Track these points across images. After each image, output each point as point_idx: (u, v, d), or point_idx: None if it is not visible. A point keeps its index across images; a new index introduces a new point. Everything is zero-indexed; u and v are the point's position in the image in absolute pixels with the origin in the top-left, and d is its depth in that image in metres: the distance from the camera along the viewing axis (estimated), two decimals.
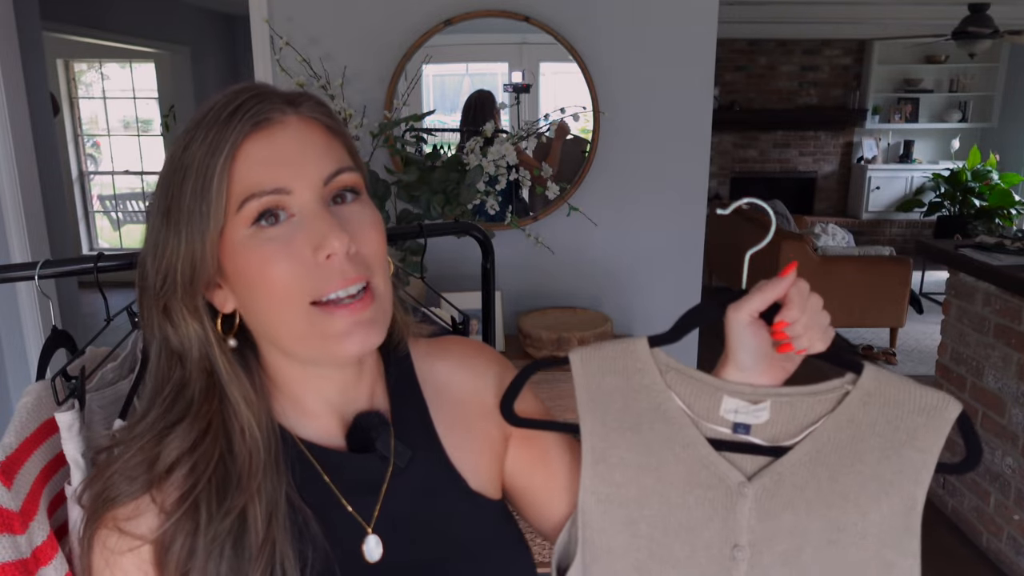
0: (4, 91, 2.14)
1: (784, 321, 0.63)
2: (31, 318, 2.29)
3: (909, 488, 0.66)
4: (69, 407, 0.73)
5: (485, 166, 2.00)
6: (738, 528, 0.68)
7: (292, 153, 0.60)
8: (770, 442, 0.67)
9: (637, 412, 0.69)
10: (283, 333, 0.62)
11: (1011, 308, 2.34)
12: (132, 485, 0.60)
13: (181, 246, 0.59)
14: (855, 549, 0.67)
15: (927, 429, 0.65)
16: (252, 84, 0.62)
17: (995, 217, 6.33)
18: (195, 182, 0.58)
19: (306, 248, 0.59)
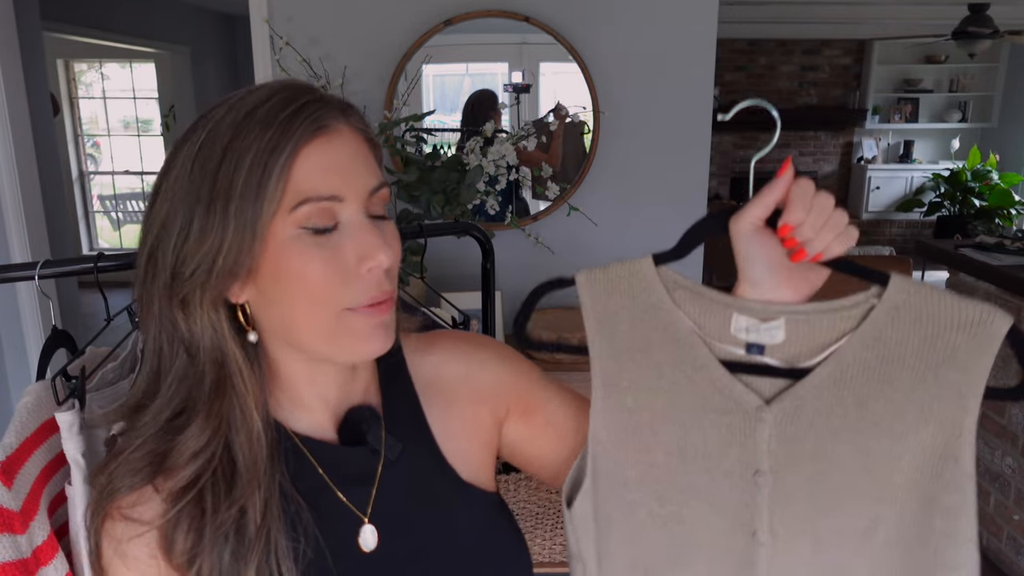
0: (4, 91, 2.14)
1: (788, 224, 0.57)
2: (31, 318, 2.29)
3: (950, 414, 0.58)
4: (69, 407, 0.73)
5: (485, 166, 2.00)
6: (759, 454, 0.63)
7: (346, 162, 0.61)
8: (787, 363, 0.62)
9: (646, 333, 0.65)
10: (307, 332, 0.63)
11: (1011, 308, 2.34)
12: (136, 476, 0.61)
13: (228, 235, 0.58)
14: (889, 473, 0.61)
15: (969, 347, 0.57)
16: (306, 85, 0.63)
17: (995, 217, 6.33)
18: (251, 175, 0.57)
19: (351, 258, 0.60)
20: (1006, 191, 6.35)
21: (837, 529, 0.63)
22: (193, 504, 0.61)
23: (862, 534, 0.63)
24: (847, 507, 0.63)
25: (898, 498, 0.61)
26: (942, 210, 6.79)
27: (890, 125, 7.35)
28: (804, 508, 0.64)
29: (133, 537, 0.61)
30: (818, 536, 0.64)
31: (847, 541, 0.64)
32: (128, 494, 0.61)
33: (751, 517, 0.65)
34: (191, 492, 0.61)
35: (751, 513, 0.65)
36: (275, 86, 0.61)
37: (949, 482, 0.59)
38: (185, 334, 0.62)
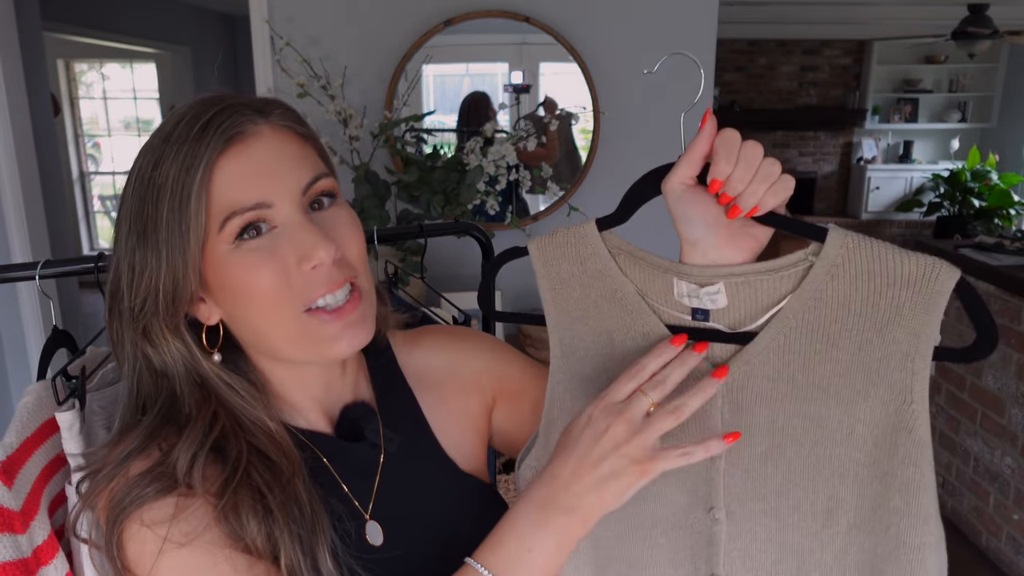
0: (5, 91, 2.14)
1: (716, 179, 0.55)
2: (32, 318, 2.29)
3: (898, 376, 0.55)
4: (69, 407, 0.73)
5: (485, 166, 2.00)
6: (711, 423, 0.62)
7: (268, 165, 0.60)
8: (732, 328, 0.60)
9: (595, 299, 0.65)
10: (275, 338, 0.63)
11: (1011, 308, 2.34)
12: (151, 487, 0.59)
13: (162, 267, 0.59)
14: (844, 448, 0.58)
15: (914, 305, 0.54)
16: (218, 94, 0.61)
17: (994, 217, 6.32)
18: (171, 201, 0.57)
19: (291, 258, 0.59)
20: (1005, 191, 6.34)
21: (794, 508, 0.62)
22: (246, 489, 0.60)
23: (823, 516, 0.61)
24: (803, 484, 0.61)
25: (859, 476, 0.59)
26: (942, 210, 6.78)
27: (890, 125, 7.34)
28: (760, 485, 0.62)
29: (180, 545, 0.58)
30: (778, 517, 0.63)
31: (807, 523, 0.62)
32: (152, 504, 0.58)
33: (708, 492, 0.64)
34: (235, 481, 0.60)
35: (708, 488, 0.64)
36: (191, 103, 0.60)
37: (905, 456, 0.56)
38: (158, 363, 0.63)
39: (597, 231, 0.64)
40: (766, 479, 0.62)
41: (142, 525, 0.58)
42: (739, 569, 0.65)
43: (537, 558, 0.57)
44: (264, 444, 0.63)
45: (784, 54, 7.22)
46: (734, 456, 0.62)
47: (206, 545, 0.58)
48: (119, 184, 6.82)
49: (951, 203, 6.68)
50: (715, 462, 0.63)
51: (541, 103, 2.32)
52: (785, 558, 0.64)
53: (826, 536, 0.62)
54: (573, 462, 0.57)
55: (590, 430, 0.58)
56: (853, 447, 0.58)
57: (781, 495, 0.62)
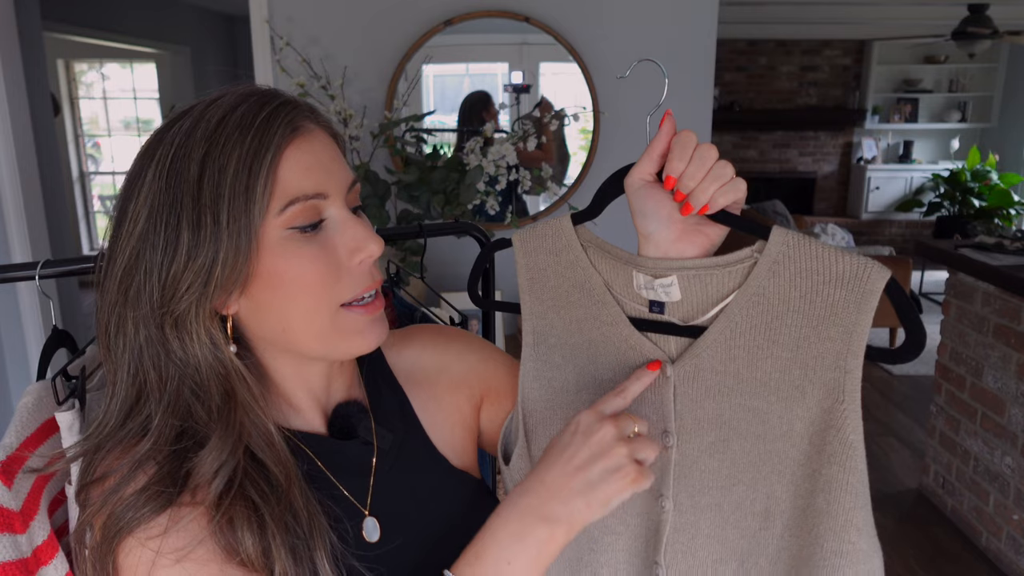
0: (5, 91, 2.14)
1: (670, 175, 0.58)
2: (32, 318, 2.29)
3: (832, 375, 0.57)
4: (69, 407, 0.73)
5: (485, 166, 2.00)
6: (665, 413, 0.64)
7: (326, 160, 0.62)
8: (686, 321, 0.62)
9: (566, 289, 0.68)
10: (304, 332, 0.63)
11: (1010, 308, 2.34)
12: (148, 506, 0.57)
13: (222, 245, 0.57)
14: (783, 444, 0.60)
15: (847, 303, 0.55)
16: (272, 89, 0.63)
17: (994, 217, 6.33)
18: (236, 181, 0.57)
19: (343, 252, 0.62)
20: (1005, 191, 6.35)
21: (737, 505, 0.63)
22: (241, 501, 0.59)
23: (762, 516, 0.63)
24: (746, 480, 0.62)
25: (795, 476, 0.60)
26: (942, 210, 6.79)
27: (890, 125, 7.34)
28: (707, 478, 0.64)
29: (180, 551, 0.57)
30: (722, 513, 0.64)
31: (747, 522, 0.63)
32: (148, 523, 0.57)
33: (660, 480, 0.66)
34: (230, 495, 0.59)
35: (660, 476, 0.66)
36: (241, 92, 0.61)
37: (831, 454, 0.57)
38: (180, 355, 0.61)
39: (572, 225, 0.67)
40: (713, 472, 0.64)
41: (137, 542, 0.57)
42: (680, 563, 0.67)
43: (515, 570, 0.57)
44: (263, 450, 0.62)
45: (784, 54, 7.22)
46: (684, 447, 0.65)
47: (200, 560, 0.57)
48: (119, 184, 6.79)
49: (951, 203, 6.68)
50: (667, 451, 0.65)
51: (537, 104, 2.33)
52: (726, 559, 0.65)
53: (763, 538, 0.63)
54: (560, 466, 0.58)
55: (580, 433, 0.59)
56: (791, 444, 0.60)
57: (725, 490, 0.64)
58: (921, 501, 2.83)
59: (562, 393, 0.70)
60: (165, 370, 0.61)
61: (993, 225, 6.22)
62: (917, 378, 4.06)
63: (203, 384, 0.61)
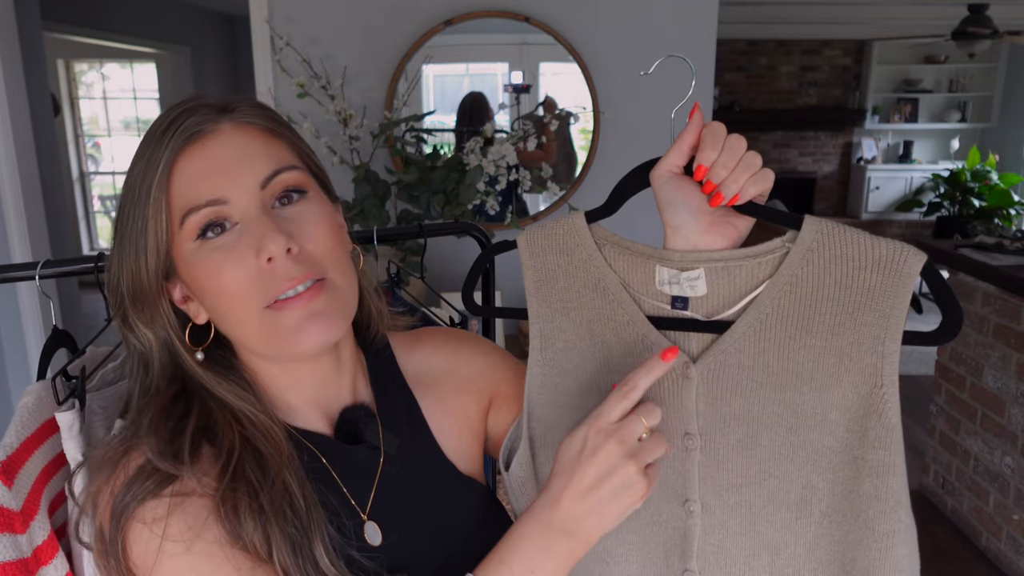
0: (5, 91, 2.14)
1: (702, 165, 0.58)
2: (32, 318, 2.29)
3: (869, 360, 0.56)
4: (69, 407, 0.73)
5: (485, 166, 2.00)
6: (687, 415, 0.63)
7: (225, 162, 0.60)
8: (708, 317, 0.61)
9: (578, 290, 0.66)
10: (244, 335, 0.64)
11: (1010, 308, 2.34)
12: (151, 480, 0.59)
13: (124, 264, 0.62)
14: (817, 434, 0.59)
15: (884, 287, 0.55)
16: (187, 97, 0.63)
17: (994, 217, 6.32)
18: (137, 202, 0.60)
19: (249, 253, 0.60)
20: (1005, 191, 6.34)
21: (769, 499, 0.62)
22: (242, 482, 0.60)
23: (796, 507, 0.62)
24: (778, 473, 0.61)
25: (832, 463, 0.59)
26: (942, 210, 6.78)
27: (890, 125, 7.34)
28: (735, 476, 0.63)
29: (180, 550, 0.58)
30: (752, 509, 0.63)
31: (780, 515, 0.62)
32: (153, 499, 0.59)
33: (683, 485, 0.65)
34: (228, 474, 0.60)
35: (683, 480, 0.64)
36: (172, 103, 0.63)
37: (875, 439, 0.57)
38: (139, 348, 0.66)
39: (585, 223, 0.66)
40: (741, 469, 0.62)
41: (144, 525, 0.58)
42: (712, 564, 0.65)
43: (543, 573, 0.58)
44: (253, 434, 0.63)
45: (784, 54, 7.22)
46: (709, 447, 0.63)
47: (207, 545, 0.58)
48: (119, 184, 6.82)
49: (951, 203, 6.68)
50: (690, 453, 0.63)
51: (541, 103, 2.33)
52: (759, 552, 0.64)
53: (799, 528, 0.62)
54: (573, 486, 0.58)
55: (587, 453, 0.58)
56: (827, 433, 0.59)
57: (755, 485, 0.62)
58: (921, 501, 2.83)
59: (573, 397, 0.68)
60: (135, 360, 0.67)
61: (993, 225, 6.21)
62: (917, 378, 4.06)
63: (153, 379, 0.66)
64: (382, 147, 2.12)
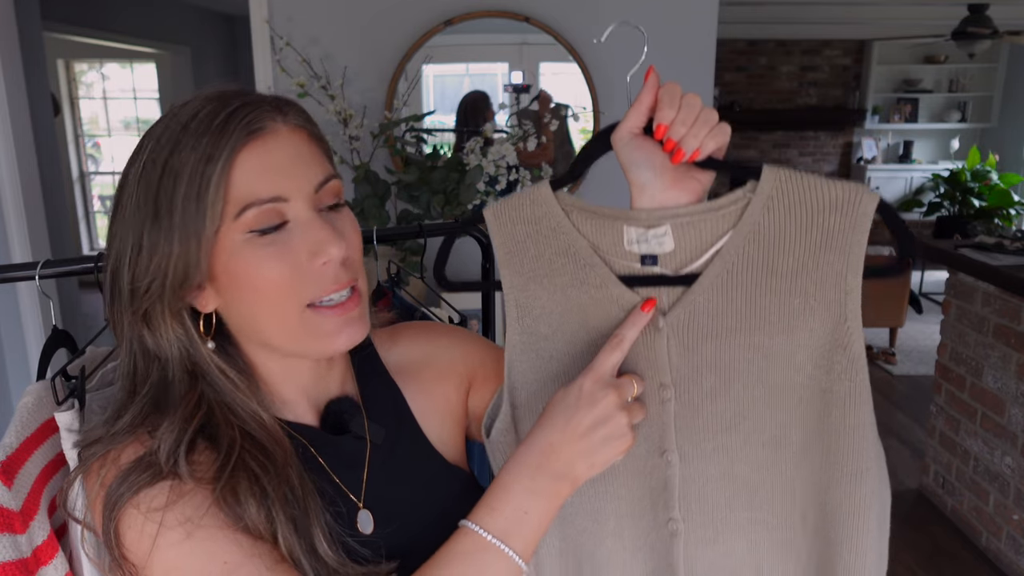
0: (5, 91, 2.14)
1: (661, 124, 0.61)
2: (31, 318, 2.29)
3: (833, 297, 0.59)
4: (69, 407, 0.73)
5: (485, 166, 2.00)
6: (660, 366, 0.65)
7: (286, 162, 0.62)
8: (679, 271, 0.63)
9: (549, 257, 0.68)
10: (274, 332, 0.64)
11: (1010, 308, 2.34)
12: (146, 473, 0.60)
13: (173, 250, 0.60)
14: (787, 372, 0.62)
15: (843, 227, 0.58)
16: (238, 88, 0.63)
17: (994, 217, 6.32)
18: (189, 188, 0.59)
19: (303, 254, 0.61)
20: (1005, 191, 6.34)
21: (745, 441, 0.65)
22: (242, 472, 0.61)
23: (772, 445, 0.64)
24: (752, 416, 0.64)
25: (802, 399, 0.62)
26: (942, 210, 6.78)
27: (890, 125, 7.34)
28: (710, 423, 0.65)
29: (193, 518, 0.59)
30: (729, 452, 0.65)
31: (757, 454, 0.65)
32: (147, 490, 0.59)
33: (661, 436, 0.67)
34: (229, 466, 0.61)
35: (660, 432, 0.67)
36: (207, 95, 0.62)
37: (841, 372, 0.60)
38: (152, 347, 0.64)
39: (551, 191, 0.67)
40: (716, 416, 0.65)
41: (138, 512, 0.59)
42: (695, 511, 0.68)
43: (532, 519, 0.61)
44: (256, 431, 0.64)
45: (784, 54, 7.22)
46: (684, 396, 0.65)
47: (207, 529, 0.59)
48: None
49: (951, 203, 6.68)
50: (666, 404, 0.66)
51: (535, 98, 2.32)
52: (738, 493, 0.66)
53: (775, 466, 0.65)
54: (569, 431, 0.61)
55: (584, 400, 0.61)
56: (796, 371, 0.62)
57: (731, 430, 0.65)
58: (921, 501, 2.83)
59: (552, 362, 0.70)
60: (144, 362, 0.65)
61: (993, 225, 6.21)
62: (917, 378, 4.06)
63: (171, 375, 0.64)
64: (382, 147, 2.12)
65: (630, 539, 0.71)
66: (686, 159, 0.61)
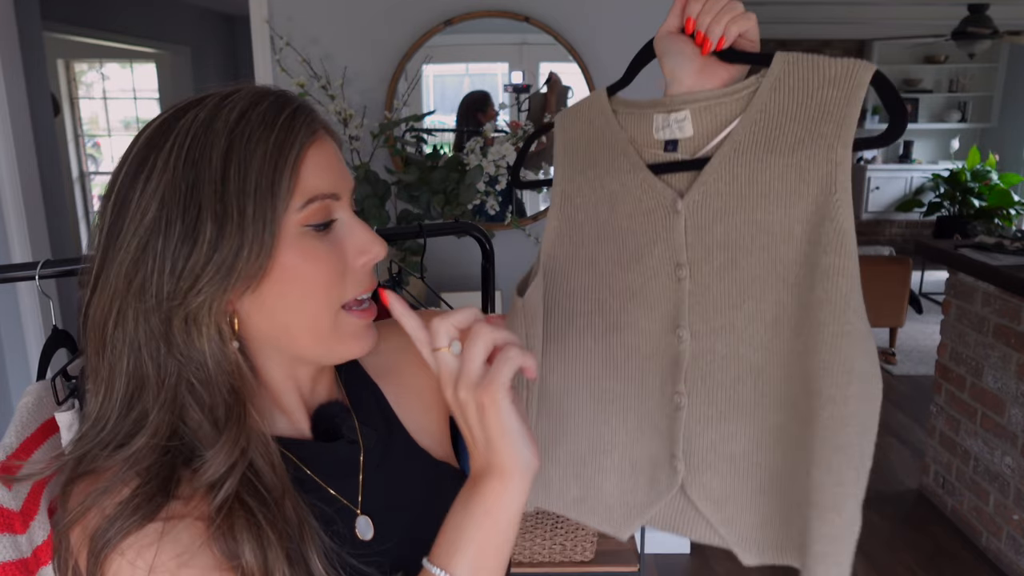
0: (5, 91, 2.14)
1: (689, 17, 0.68)
2: (32, 318, 2.29)
3: (825, 170, 0.61)
4: (69, 407, 0.73)
5: (485, 166, 2.00)
6: (678, 247, 0.69)
7: (337, 163, 0.64)
8: (695, 155, 0.68)
9: (594, 151, 0.74)
10: (304, 331, 0.63)
11: (1010, 308, 2.34)
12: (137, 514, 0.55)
13: (246, 238, 0.57)
14: (785, 249, 0.64)
15: (838, 99, 0.61)
16: (284, 90, 0.64)
17: (994, 217, 6.32)
18: (262, 176, 0.58)
19: (350, 252, 0.63)
20: (1005, 191, 6.34)
21: (749, 320, 0.67)
22: (239, 507, 0.58)
23: (772, 326, 0.66)
24: (755, 294, 0.66)
25: (797, 277, 0.64)
26: (942, 210, 6.78)
27: None
28: (719, 300, 0.68)
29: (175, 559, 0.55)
30: (735, 331, 0.68)
31: (760, 334, 0.67)
32: (137, 532, 0.55)
33: (675, 314, 0.70)
34: (229, 500, 0.57)
35: (676, 310, 0.70)
36: (257, 91, 0.62)
37: (827, 244, 0.61)
38: (183, 350, 0.59)
39: (607, 95, 0.74)
40: (724, 294, 0.68)
41: (124, 558, 0.55)
42: (700, 388, 0.71)
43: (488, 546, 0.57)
44: (261, 455, 0.61)
45: None
46: (697, 275, 0.69)
47: (197, 569, 0.56)
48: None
49: (951, 203, 6.68)
50: (682, 283, 0.69)
51: (546, 81, 2.32)
52: (743, 376, 0.69)
53: (775, 346, 0.67)
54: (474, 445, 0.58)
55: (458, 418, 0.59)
56: (792, 248, 0.64)
57: (737, 308, 0.68)
58: (921, 501, 2.83)
59: (583, 247, 0.75)
60: (164, 366, 0.59)
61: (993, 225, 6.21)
62: (917, 378, 4.06)
63: (208, 381, 0.60)
64: (382, 147, 2.12)
65: (634, 420, 0.75)
66: (713, 47, 0.66)
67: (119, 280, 0.59)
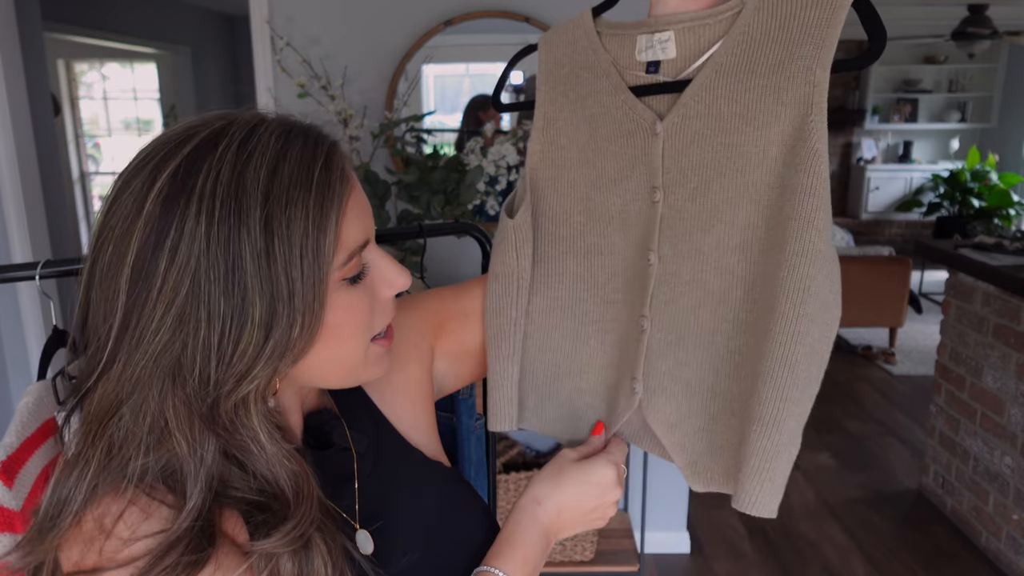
0: (5, 91, 2.14)
1: None
2: (32, 318, 2.29)
3: (803, 91, 0.60)
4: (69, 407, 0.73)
5: (485, 166, 2.00)
6: (654, 170, 0.68)
7: (367, 205, 0.61)
8: (676, 77, 0.67)
9: (576, 73, 0.73)
10: (335, 369, 0.61)
11: (1010, 308, 2.34)
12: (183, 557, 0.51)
13: (297, 313, 0.53)
14: (759, 173, 0.63)
15: (819, 20, 0.60)
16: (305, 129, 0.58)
17: (994, 217, 6.33)
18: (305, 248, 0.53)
19: (381, 289, 0.62)
20: (1005, 191, 6.35)
21: (716, 244, 0.67)
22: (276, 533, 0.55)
23: (739, 249, 0.66)
24: (726, 218, 0.65)
25: (771, 200, 0.63)
26: (941, 210, 6.79)
27: (889, 125, 7.35)
28: (689, 224, 0.67)
29: None
30: (701, 256, 0.67)
31: (726, 259, 0.67)
32: None
33: (648, 236, 0.70)
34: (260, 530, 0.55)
35: (647, 232, 0.70)
36: (278, 133, 0.55)
37: (798, 164, 0.60)
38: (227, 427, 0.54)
39: (591, 17, 0.73)
40: (694, 217, 0.67)
41: None
42: (663, 312, 0.71)
43: (531, 568, 0.68)
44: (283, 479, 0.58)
45: None
46: (670, 198, 0.68)
47: None
48: None
49: (951, 203, 6.68)
50: (655, 206, 0.69)
51: None
52: (705, 302, 0.68)
53: (740, 270, 0.66)
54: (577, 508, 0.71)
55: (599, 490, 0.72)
56: (767, 171, 0.63)
57: (705, 232, 0.67)
58: (921, 501, 2.83)
59: (564, 170, 0.75)
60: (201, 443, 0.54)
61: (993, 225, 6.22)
62: (917, 378, 4.06)
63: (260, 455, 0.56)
64: (382, 147, 2.12)
65: (611, 342, 0.76)
66: None
67: (144, 369, 0.53)
